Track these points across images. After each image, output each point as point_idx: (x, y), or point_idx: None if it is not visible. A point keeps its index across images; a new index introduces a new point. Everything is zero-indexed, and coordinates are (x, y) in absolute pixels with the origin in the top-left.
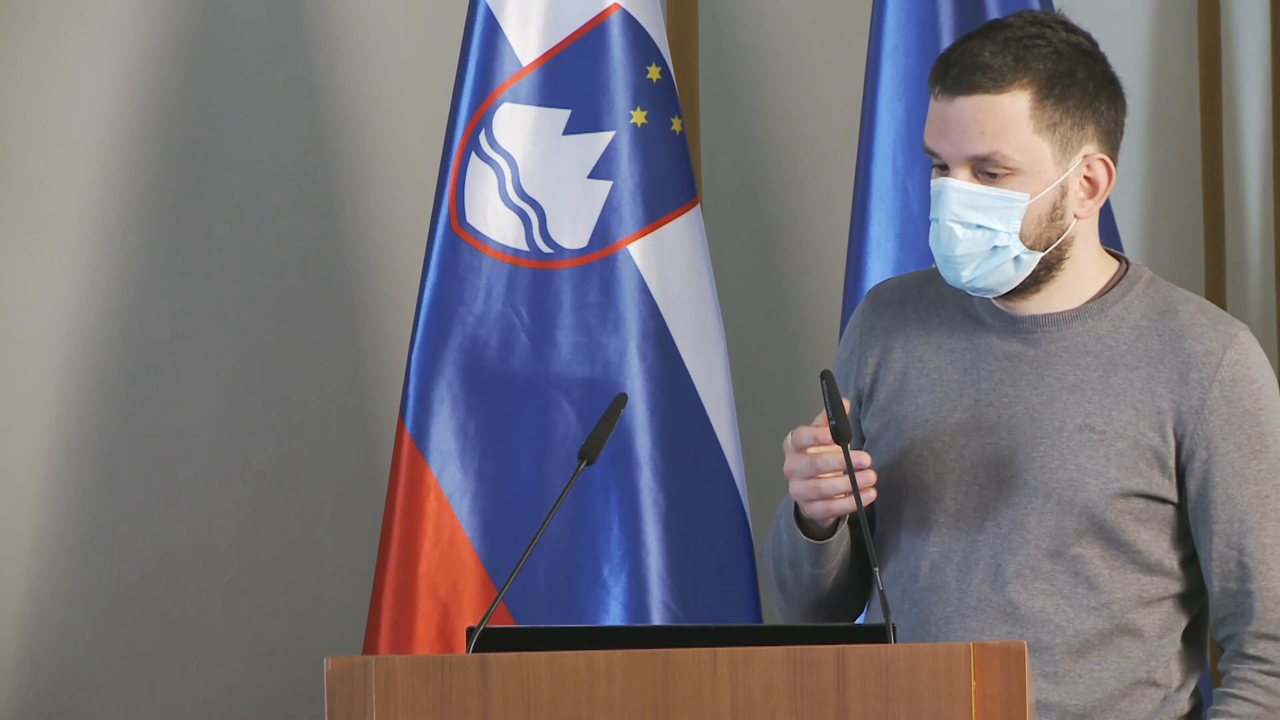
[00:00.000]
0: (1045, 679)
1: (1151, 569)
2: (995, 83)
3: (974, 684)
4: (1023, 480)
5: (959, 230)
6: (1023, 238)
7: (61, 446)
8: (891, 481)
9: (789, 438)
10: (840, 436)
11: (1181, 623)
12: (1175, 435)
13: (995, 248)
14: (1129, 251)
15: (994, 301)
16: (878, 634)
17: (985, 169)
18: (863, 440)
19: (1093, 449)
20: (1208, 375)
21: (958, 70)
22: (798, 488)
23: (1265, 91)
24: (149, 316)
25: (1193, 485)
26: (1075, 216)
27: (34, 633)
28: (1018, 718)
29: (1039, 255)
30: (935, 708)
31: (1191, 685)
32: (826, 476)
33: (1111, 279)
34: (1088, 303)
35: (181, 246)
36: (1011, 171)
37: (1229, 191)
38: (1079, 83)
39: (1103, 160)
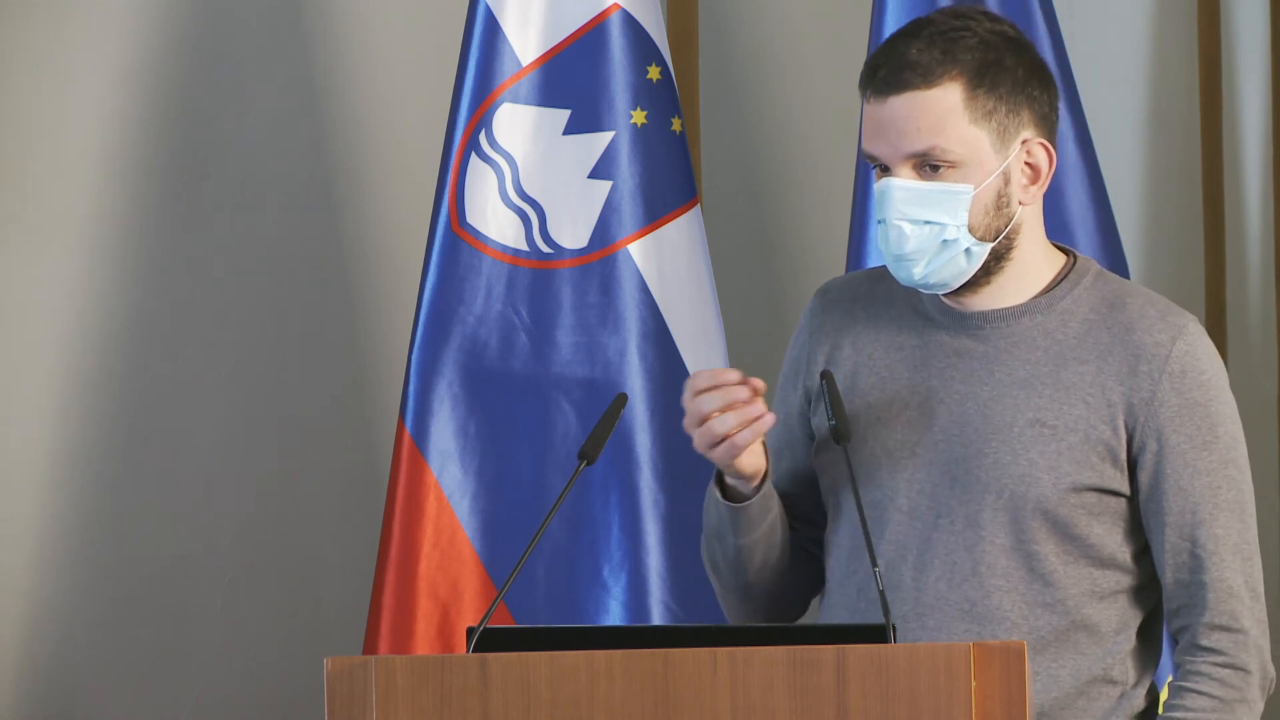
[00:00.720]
0: None
1: (1105, 563)
2: (925, 78)
3: (974, 684)
4: (975, 477)
5: (907, 228)
6: (971, 229)
7: (61, 446)
8: (844, 479)
9: (687, 384)
10: (840, 436)
11: (1137, 619)
12: (1126, 428)
13: (945, 241)
14: (1129, 251)
15: (943, 298)
16: (878, 634)
17: (926, 164)
18: (812, 439)
19: (1044, 444)
20: (1157, 367)
21: (886, 71)
22: (695, 439)
23: (1265, 91)
24: (149, 316)
25: (1144, 477)
26: (1020, 203)
27: (34, 633)
28: (1018, 718)
29: (989, 246)
30: (935, 708)
31: (1147, 682)
32: (714, 416)
33: (1059, 273)
34: (1035, 297)
35: (181, 246)
36: (953, 164)
37: (1229, 191)
38: (1008, 70)
39: (1042, 144)
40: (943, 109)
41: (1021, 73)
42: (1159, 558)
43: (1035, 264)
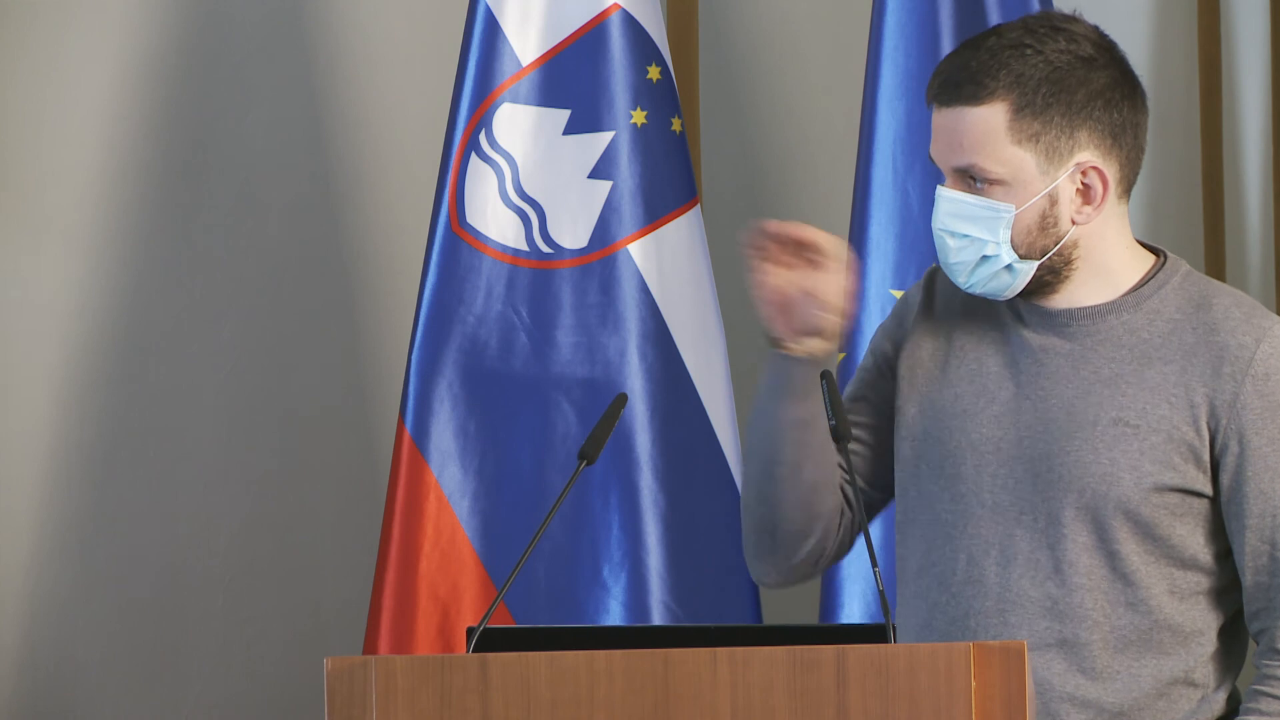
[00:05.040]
0: (1083, 675)
1: (1187, 564)
2: (973, 95)
3: (974, 684)
4: (1058, 475)
5: (949, 240)
6: (1015, 247)
7: (61, 446)
8: (928, 468)
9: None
10: (840, 436)
11: (1218, 621)
12: (1209, 428)
13: (985, 257)
14: None
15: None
16: (878, 634)
17: (970, 178)
18: (891, 387)
19: (1126, 443)
20: (1240, 369)
21: (940, 81)
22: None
23: (1265, 91)
24: (149, 316)
25: (1225, 479)
26: (1073, 222)
27: (34, 633)
28: (1017, 718)
29: (1035, 263)
30: (935, 708)
31: (1229, 687)
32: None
33: (1148, 272)
34: (1123, 295)
35: (181, 246)
36: (995, 182)
37: (1229, 191)
38: (1066, 90)
39: (1096, 169)
40: (985, 129)
41: (1083, 94)
42: (1239, 560)
43: (1115, 266)
